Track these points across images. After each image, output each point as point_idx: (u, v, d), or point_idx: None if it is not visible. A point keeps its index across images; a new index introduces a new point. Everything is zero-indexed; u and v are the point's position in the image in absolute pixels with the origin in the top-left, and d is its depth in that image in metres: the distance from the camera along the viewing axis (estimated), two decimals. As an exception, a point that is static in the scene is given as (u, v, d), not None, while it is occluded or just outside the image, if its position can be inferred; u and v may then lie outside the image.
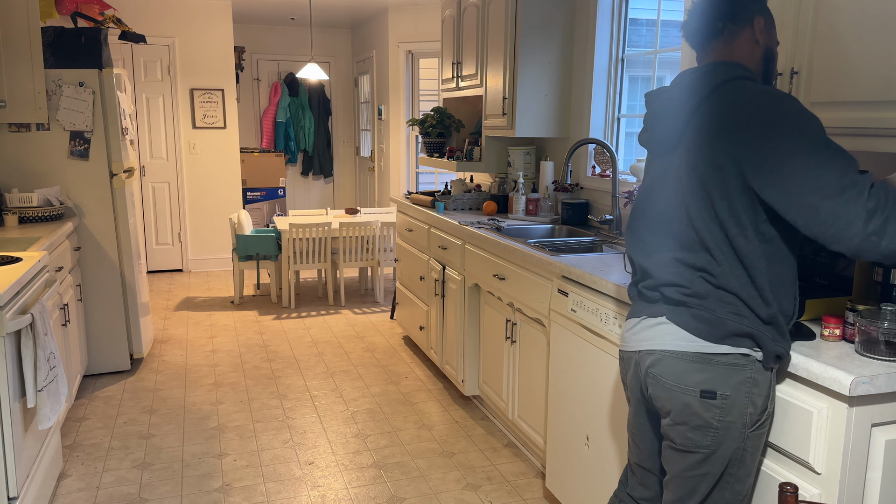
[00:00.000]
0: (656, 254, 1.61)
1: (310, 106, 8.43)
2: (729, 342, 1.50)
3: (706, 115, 1.52)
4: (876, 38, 1.71)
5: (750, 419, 1.52)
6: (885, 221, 1.32)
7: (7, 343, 2.29)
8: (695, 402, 1.52)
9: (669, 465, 1.63)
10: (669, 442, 1.61)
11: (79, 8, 4.29)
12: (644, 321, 1.64)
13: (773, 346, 1.50)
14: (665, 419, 1.61)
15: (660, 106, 1.65)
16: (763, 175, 1.42)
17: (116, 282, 4.11)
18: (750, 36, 1.59)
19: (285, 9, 7.12)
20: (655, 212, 1.63)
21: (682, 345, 1.53)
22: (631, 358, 1.68)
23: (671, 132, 1.59)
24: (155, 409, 3.69)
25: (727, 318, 1.50)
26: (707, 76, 1.55)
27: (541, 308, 2.78)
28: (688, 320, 1.53)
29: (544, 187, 3.83)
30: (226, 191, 6.98)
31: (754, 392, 1.51)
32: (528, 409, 3.03)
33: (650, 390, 1.62)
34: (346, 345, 4.76)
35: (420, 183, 7.39)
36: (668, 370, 1.56)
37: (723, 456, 1.54)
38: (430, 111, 4.69)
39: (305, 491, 2.89)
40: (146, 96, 6.63)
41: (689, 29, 1.65)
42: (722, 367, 1.51)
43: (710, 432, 1.53)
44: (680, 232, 1.55)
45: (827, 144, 1.39)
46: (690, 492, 1.59)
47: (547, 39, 3.70)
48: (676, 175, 1.57)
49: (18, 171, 3.88)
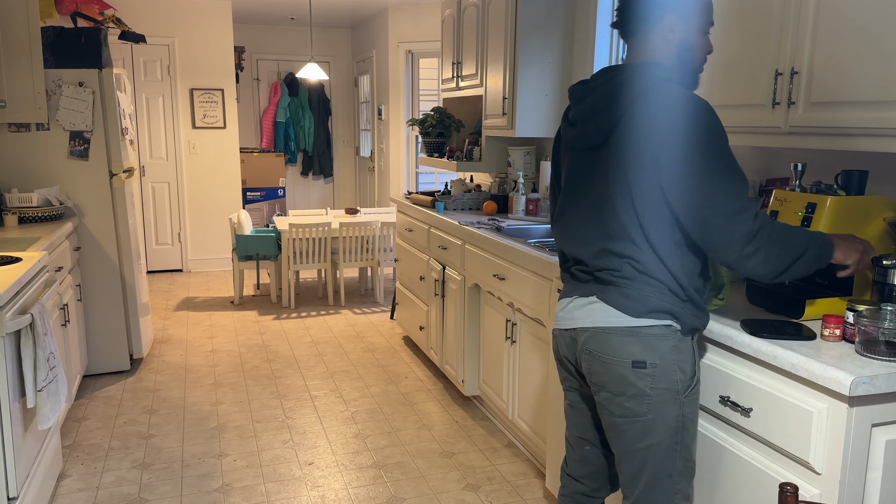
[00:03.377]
0: (587, 244, 1.72)
1: (310, 106, 8.44)
2: (652, 316, 1.64)
3: (635, 117, 1.60)
4: (876, 38, 1.71)
5: (681, 385, 1.66)
6: (756, 249, 1.53)
7: (7, 343, 2.29)
8: (628, 373, 1.65)
9: (616, 443, 1.73)
10: (609, 416, 1.71)
11: (79, 8, 4.29)
12: (576, 300, 1.75)
13: (691, 321, 1.66)
14: (601, 394, 1.72)
15: (590, 104, 1.71)
16: (672, 180, 1.56)
17: (116, 282, 4.11)
18: (660, 35, 1.68)
19: (285, 9, 7.12)
20: (585, 204, 1.73)
21: (612, 320, 1.66)
22: (566, 335, 1.79)
23: (600, 130, 1.67)
24: (155, 410, 3.69)
25: (650, 296, 1.63)
26: (634, 78, 1.64)
27: (541, 308, 2.78)
28: (616, 298, 1.66)
29: (544, 187, 3.83)
30: (226, 191, 6.98)
31: (680, 359, 1.65)
32: (529, 410, 3.03)
33: (586, 366, 1.73)
34: (346, 345, 4.75)
35: (420, 183, 7.39)
36: (601, 345, 1.68)
37: (665, 424, 1.66)
38: (430, 111, 4.69)
39: (305, 491, 2.89)
40: (146, 96, 6.63)
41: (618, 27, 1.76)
42: (649, 339, 1.64)
43: (644, 400, 1.65)
44: (608, 223, 1.67)
45: (731, 164, 1.55)
46: (641, 466, 1.69)
47: (547, 39, 3.70)
48: (604, 171, 1.67)
49: (18, 171, 3.88)
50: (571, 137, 1.77)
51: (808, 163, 2.19)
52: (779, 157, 2.46)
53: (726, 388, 1.74)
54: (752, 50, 2.08)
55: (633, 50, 1.73)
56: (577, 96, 1.78)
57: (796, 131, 1.97)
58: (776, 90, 2.00)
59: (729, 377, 1.73)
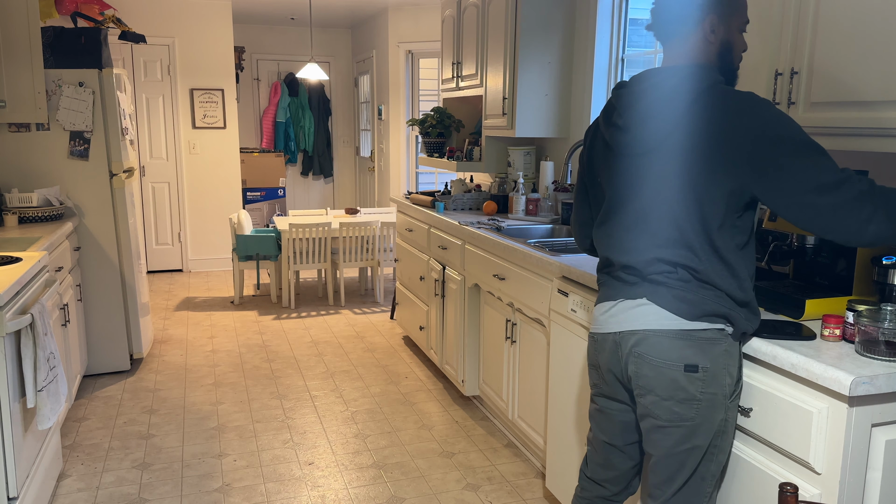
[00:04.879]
0: (635, 252, 1.67)
1: (310, 106, 8.43)
2: (706, 319, 1.60)
3: (696, 121, 1.57)
4: (876, 38, 1.71)
5: (728, 389, 1.62)
6: (874, 210, 1.46)
7: (7, 343, 2.29)
8: (680, 377, 1.61)
9: (655, 446, 1.68)
10: (654, 420, 1.66)
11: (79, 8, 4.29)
12: (622, 303, 1.70)
13: (744, 325, 1.62)
14: (647, 397, 1.66)
15: (644, 108, 1.66)
16: (763, 179, 1.51)
17: (116, 282, 4.11)
18: (702, 36, 1.65)
19: (285, 9, 7.12)
20: (633, 210, 1.68)
21: (665, 323, 1.62)
22: (607, 339, 1.74)
23: (654, 134, 1.63)
24: (155, 410, 3.69)
25: (707, 300, 1.60)
26: (687, 81, 1.60)
27: (541, 308, 2.78)
28: (669, 301, 1.62)
29: (544, 187, 3.83)
30: (226, 191, 6.98)
31: (730, 363, 1.62)
32: (528, 409, 3.03)
33: (633, 369, 1.68)
34: (346, 345, 4.75)
35: (420, 183, 7.39)
36: (652, 348, 1.63)
37: (709, 428, 1.62)
38: (430, 111, 4.69)
39: (305, 491, 2.89)
40: (146, 96, 6.62)
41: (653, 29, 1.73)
42: (702, 342, 1.60)
43: (694, 405, 1.61)
44: (662, 230, 1.62)
45: (812, 144, 1.50)
46: (679, 467, 1.66)
47: (547, 39, 3.70)
48: (660, 176, 1.62)
49: (18, 171, 3.88)
50: (620, 142, 1.71)
51: (808, 163, 2.18)
52: (779, 157, 2.46)
53: (726, 388, 1.74)
54: (752, 50, 2.08)
55: (672, 51, 1.69)
56: (625, 100, 1.71)
57: (796, 131, 1.97)
58: (776, 90, 2.00)
59: (729, 377, 1.73)
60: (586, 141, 1.89)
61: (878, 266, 1.72)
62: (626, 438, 1.84)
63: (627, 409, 1.80)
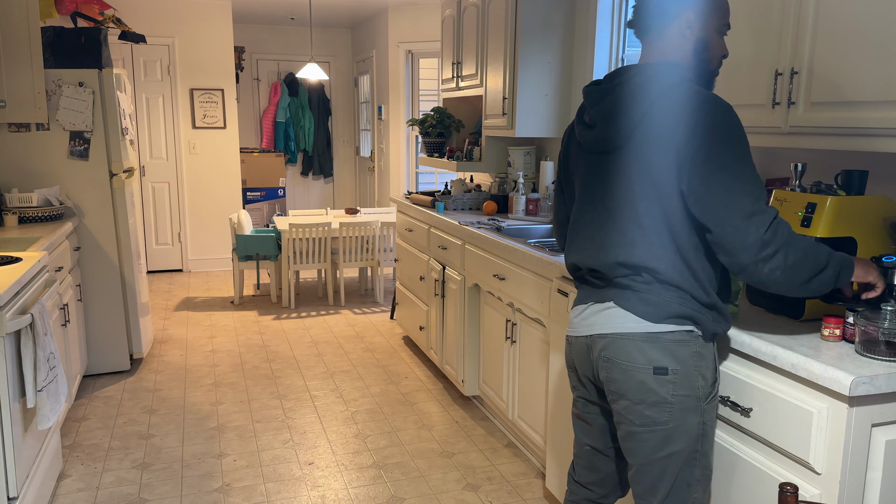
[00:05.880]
0: (603, 252, 1.67)
1: (310, 106, 8.43)
2: (672, 322, 1.60)
3: (657, 118, 1.57)
4: (876, 38, 1.71)
5: (702, 392, 1.61)
6: (773, 254, 1.46)
7: (7, 343, 2.29)
8: (649, 380, 1.60)
9: (634, 454, 1.67)
10: (628, 425, 1.65)
11: (79, 8, 4.29)
12: (591, 307, 1.71)
13: (712, 327, 1.62)
14: (620, 402, 1.66)
15: (609, 105, 1.65)
16: (692, 180, 1.52)
17: (116, 282, 4.11)
18: (678, 31, 1.64)
19: (285, 9, 7.12)
20: (602, 209, 1.68)
21: (631, 326, 1.62)
22: (581, 342, 1.75)
23: (620, 132, 1.62)
24: (155, 410, 3.69)
25: (671, 301, 1.59)
26: (654, 78, 1.60)
27: (541, 308, 2.78)
28: (635, 304, 1.62)
29: (544, 187, 3.83)
30: (226, 191, 6.98)
31: (702, 365, 1.61)
32: (528, 409, 3.03)
33: (604, 374, 1.68)
34: (345, 345, 4.75)
35: (420, 183, 7.39)
36: (620, 351, 1.63)
37: (686, 432, 1.61)
38: (430, 111, 4.69)
39: (305, 491, 2.89)
40: (146, 96, 6.62)
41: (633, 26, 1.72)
42: (670, 344, 1.59)
43: (666, 408, 1.60)
44: (627, 229, 1.62)
45: (750, 168, 1.51)
46: (660, 475, 1.64)
47: (547, 39, 3.70)
48: (625, 174, 1.61)
49: (18, 171, 3.88)
50: (588, 140, 1.72)
51: (808, 163, 2.19)
52: (779, 157, 2.46)
53: (726, 389, 1.74)
54: (752, 50, 2.09)
55: (648, 48, 1.69)
56: (593, 97, 1.71)
57: (796, 131, 1.97)
58: (776, 90, 2.00)
59: (729, 377, 1.73)
60: (563, 140, 1.89)
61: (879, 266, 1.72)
62: (607, 442, 1.84)
63: (605, 412, 1.81)
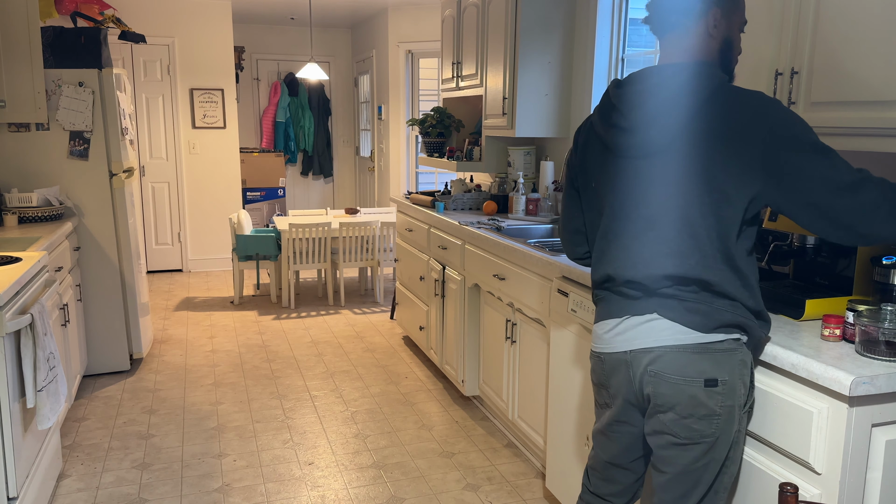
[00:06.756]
0: (642, 266, 1.57)
1: (309, 106, 8.43)
2: (721, 331, 1.54)
3: (709, 121, 1.50)
4: (876, 38, 1.71)
5: (742, 399, 1.57)
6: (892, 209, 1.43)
7: (7, 343, 2.29)
8: (700, 393, 1.54)
9: (671, 463, 1.60)
10: (671, 437, 1.58)
11: (79, 8, 4.29)
12: (628, 320, 1.61)
13: (758, 333, 1.58)
14: (667, 415, 1.58)
15: (651, 108, 1.56)
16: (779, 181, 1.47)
17: (116, 282, 4.11)
18: (704, 30, 1.58)
19: (285, 9, 7.12)
20: (641, 218, 1.58)
21: (680, 337, 1.54)
22: (617, 359, 1.65)
23: (663, 135, 1.54)
24: (154, 410, 3.69)
25: (722, 310, 1.53)
26: (695, 79, 1.53)
27: (541, 308, 2.78)
28: (682, 314, 1.54)
29: (544, 187, 3.83)
30: (226, 191, 6.98)
31: (745, 373, 1.57)
32: (528, 409, 3.03)
33: (650, 388, 1.59)
34: (345, 345, 4.75)
35: (420, 183, 7.39)
36: (669, 365, 1.55)
37: (725, 441, 1.57)
38: (430, 111, 4.69)
39: (305, 491, 2.89)
40: (146, 96, 6.62)
41: (650, 22, 1.65)
42: (719, 354, 1.54)
43: (714, 420, 1.55)
44: (673, 238, 1.53)
45: (824, 145, 1.48)
46: (695, 484, 1.59)
47: (547, 39, 3.70)
48: (671, 180, 1.53)
49: (18, 171, 3.88)
50: (623, 144, 1.61)
51: (809, 163, 2.18)
52: (779, 157, 2.46)
53: (726, 388, 1.74)
54: (752, 50, 2.08)
55: (671, 46, 1.61)
56: (628, 99, 1.61)
57: (796, 131, 1.97)
58: (776, 90, 2.00)
59: (729, 377, 1.73)
60: (577, 142, 1.80)
61: (879, 266, 1.72)
62: (631, 456, 1.76)
63: (635, 429, 1.72)
